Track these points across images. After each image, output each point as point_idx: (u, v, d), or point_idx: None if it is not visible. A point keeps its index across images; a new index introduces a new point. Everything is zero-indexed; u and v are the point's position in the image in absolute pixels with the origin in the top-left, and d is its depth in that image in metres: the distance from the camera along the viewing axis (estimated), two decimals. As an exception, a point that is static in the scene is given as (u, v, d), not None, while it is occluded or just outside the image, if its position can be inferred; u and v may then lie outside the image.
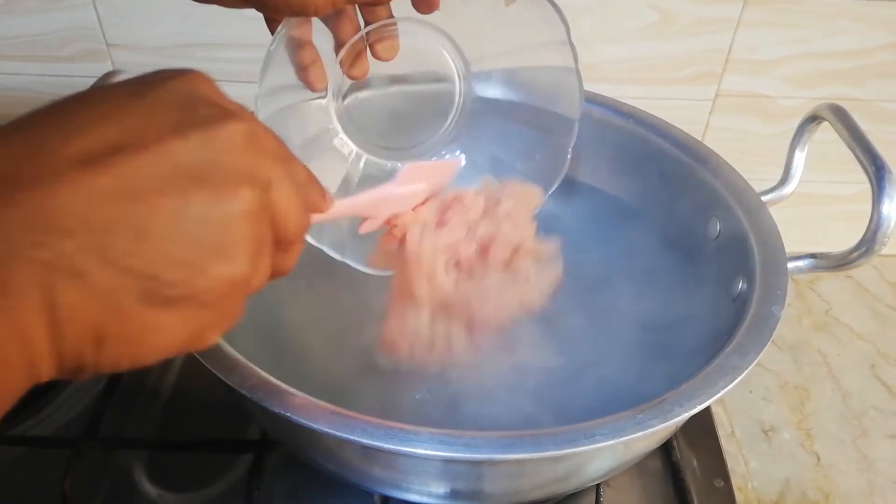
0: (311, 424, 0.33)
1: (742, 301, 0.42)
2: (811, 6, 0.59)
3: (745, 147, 0.66)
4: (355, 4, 0.39)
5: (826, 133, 0.45)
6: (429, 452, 0.32)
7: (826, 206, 0.70)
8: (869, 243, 0.40)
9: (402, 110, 0.49)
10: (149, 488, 0.48)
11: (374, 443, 0.32)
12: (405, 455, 0.33)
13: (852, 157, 0.42)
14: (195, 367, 0.35)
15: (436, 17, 0.41)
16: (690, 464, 0.51)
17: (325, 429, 0.33)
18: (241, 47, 0.61)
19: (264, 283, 0.26)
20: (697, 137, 0.54)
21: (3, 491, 0.48)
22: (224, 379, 0.35)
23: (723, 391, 0.35)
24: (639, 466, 0.50)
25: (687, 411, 0.34)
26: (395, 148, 0.48)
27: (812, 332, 0.65)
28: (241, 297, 0.25)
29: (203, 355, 0.36)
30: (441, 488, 0.38)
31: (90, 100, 0.23)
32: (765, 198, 0.48)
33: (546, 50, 0.44)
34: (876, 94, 0.63)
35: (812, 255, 0.44)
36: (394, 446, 0.32)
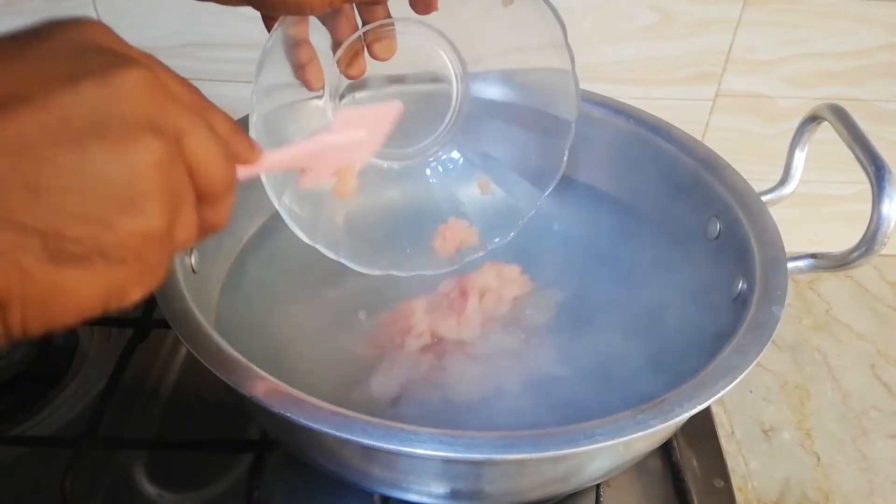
0: (311, 424, 0.33)
1: (742, 301, 0.42)
2: (811, 6, 0.59)
3: (745, 147, 0.66)
4: (353, 4, 0.39)
5: (826, 133, 0.45)
6: (429, 452, 0.32)
7: (826, 206, 0.70)
8: (869, 243, 0.40)
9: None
10: (149, 488, 0.48)
11: (374, 443, 0.32)
12: (405, 455, 0.33)
13: (852, 157, 0.42)
14: (195, 367, 0.35)
15: (433, 17, 0.41)
16: (690, 464, 0.51)
17: (325, 429, 0.33)
18: (241, 47, 0.60)
19: (192, 239, 0.25)
20: (697, 137, 0.54)
21: (3, 491, 0.48)
22: (224, 379, 0.35)
23: (723, 391, 0.35)
24: (639, 466, 0.50)
25: (687, 411, 0.34)
26: (392, 148, 0.48)
27: (812, 332, 0.65)
28: (162, 251, 0.23)
29: (203, 355, 0.36)
30: (441, 488, 0.38)
31: None
32: (765, 198, 0.48)
33: (543, 51, 0.44)
34: (876, 94, 0.63)
35: (812, 255, 0.44)
36: (394, 446, 0.32)
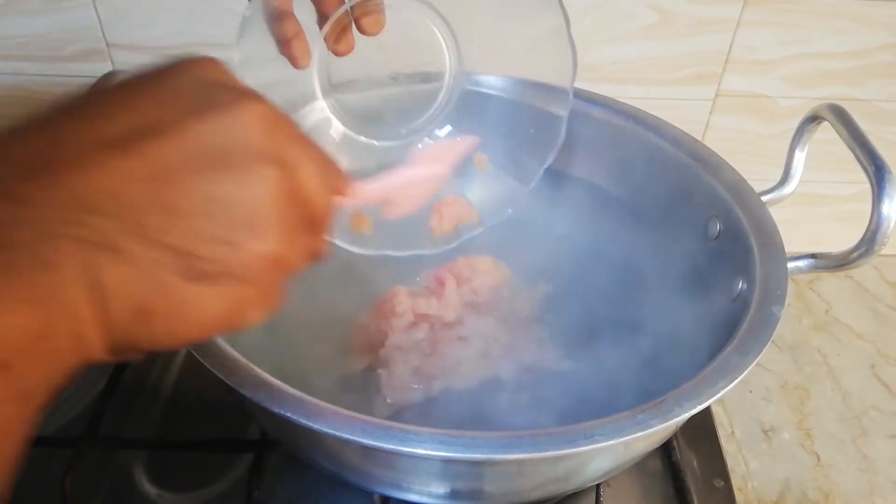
0: (311, 424, 0.33)
1: (742, 301, 0.42)
2: (811, 6, 0.59)
3: (745, 147, 0.66)
4: None
5: (826, 133, 0.45)
6: (429, 452, 0.32)
7: (826, 206, 0.70)
8: (869, 243, 0.40)
9: (391, 88, 0.48)
10: (149, 488, 0.48)
11: (374, 443, 0.32)
12: (405, 455, 0.33)
13: (852, 157, 0.42)
14: (195, 367, 0.35)
15: None
16: (690, 464, 0.51)
17: (325, 429, 0.33)
18: (241, 47, 0.61)
19: (304, 266, 0.27)
20: (697, 137, 0.54)
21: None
22: (224, 379, 0.35)
23: (723, 391, 0.35)
24: (639, 466, 0.50)
25: (687, 411, 0.34)
26: (385, 127, 0.47)
27: (812, 331, 0.65)
28: (281, 275, 0.25)
29: (203, 355, 0.36)
30: (441, 488, 0.38)
31: (109, 92, 0.23)
32: (765, 198, 0.48)
33: (538, 18, 0.43)
34: (876, 94, 0.63)
35: (812, 255, 0.44)
36: (394, 446, 0.32)
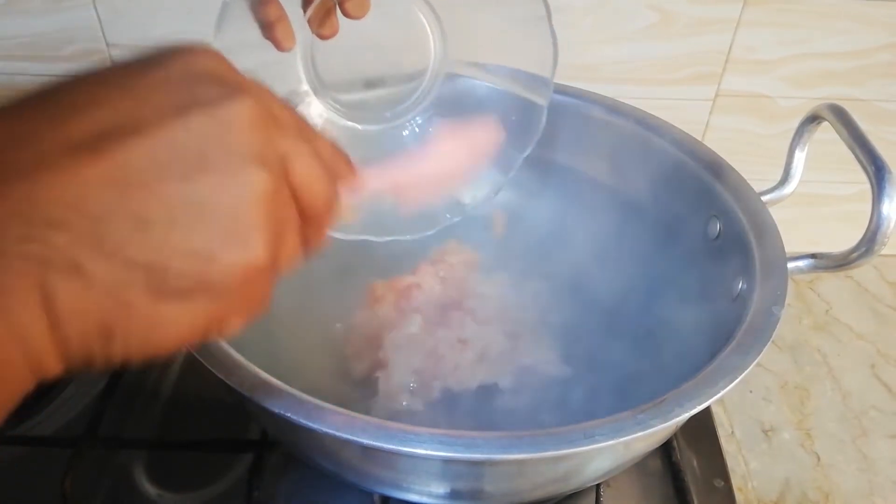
0: (311, 424, 0.33)
1: (742, 301, 0.42)
2: (811, 6, 0.58)
3: (745, 147, 0.66)
4: None
5: (826, 133, 0.45)
6: (429, 452, 0.32)
7: (826, 206, 0.70)
8: (869, 243, 0.40)
9: (374, 71, 0.48)
10: (149, 488, 0.48)
11: (374, 443, 0.32)
12: (405, 455, 0.32)
13: (852, 157, 0.42)
14: (195, 367, 0.35)
15: None
16: (690, 464, 0.51)
17: (325, 429, 0.33)
18: (241, 47, 0.60)
19: (297, 262, 0.25)
20: (697, 137, 0.54)
21: (3, 491, 0.48)
22: (224, 379, 0.35)
23: (723, 391, 0.35)
24: (639, 466, 0.50)
25: (687, 411, 0.34)
26: (369, 111, 0.47)
27: (812, 332, 0.65)
28: (265, 281, 0.23)
29: (203, 355, 0.36)
30: (441, 488, 0.38)
31: (84, 82, 0.21)
32: (765, 198, 0.48)
33: (519, 7, 0.43)
34: (876, 94, 0.63)
35: (812, 255, 0.44)
36: (394, 446, 0.32)
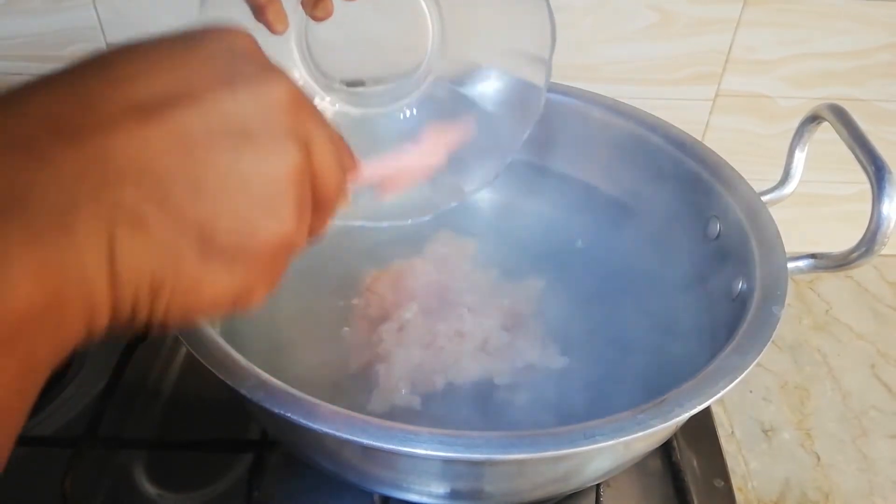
0: (311, 424, 0.33)
1: (742, 301, 0.42)
2: (811, 6, 0.59)
3: (745, 147, 0.66)
4: None
5: (826, 133, 0.45)
6: (429, 452, 0.32)
7: (826, 206, 0.70)
8: (869, 243, 0.40)
9: (370, 54, 0.48)
10: (149, 488, 0.48)
11: (374, 443, 0.32)
12: (405, 455, 0.33)
13: (852, 157, 0.42)
14: (195, 367, 0.35)
15: None
16: (690, 464, 0.51)
17: (325, 429, 0.33)
18: (241, 47, 0.60)
19: (304, 245, 0.26)
20: (697, 137, 0.54)
21: (3, 491, 0.48)
22: (224, 379, 0.35)
23: (723, 391, 0.35)
24: (639, 466, 0.50)
25: (687, 411, 0.34)
26: (365, 95, 0.47)
27: (812, 332, 0.65)
28: (286, 256, 0.25)
29: (203, 355, 0.36)
30: (441, 488, 0.38)
31: (135, 52, 0.22)
32: (765, 198, 0.48)
33: None
34: (876, 94, 0.63)
35: (812, 255, 0.44)
36: (394, 446, 0.32)
